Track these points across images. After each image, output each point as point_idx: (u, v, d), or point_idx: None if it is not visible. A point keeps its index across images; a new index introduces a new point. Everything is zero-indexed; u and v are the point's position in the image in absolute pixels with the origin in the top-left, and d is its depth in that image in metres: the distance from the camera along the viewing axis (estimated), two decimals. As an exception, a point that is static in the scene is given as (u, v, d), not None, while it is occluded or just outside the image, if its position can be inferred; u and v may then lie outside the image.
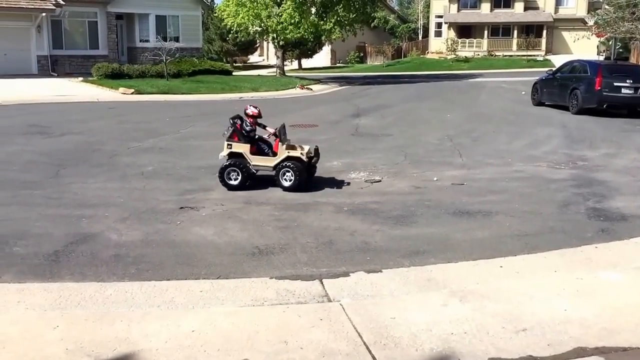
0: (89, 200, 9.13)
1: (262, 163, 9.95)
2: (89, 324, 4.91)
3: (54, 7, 33.88)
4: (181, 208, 8.66)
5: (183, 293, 5.64)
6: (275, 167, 9.85)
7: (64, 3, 34.41)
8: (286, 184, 9.76)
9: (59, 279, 6.02)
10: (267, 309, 5.30)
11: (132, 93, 27.18)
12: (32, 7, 33.59)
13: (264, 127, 10.32)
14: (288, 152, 9.83)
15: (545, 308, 5.25)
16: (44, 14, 33.95)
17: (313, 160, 10.07)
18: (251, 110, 10.06)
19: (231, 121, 9.98)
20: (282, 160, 9.81)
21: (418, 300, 5.51)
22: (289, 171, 9.73)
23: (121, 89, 27.62)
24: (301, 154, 9.88)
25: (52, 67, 34.95)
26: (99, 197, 9.34)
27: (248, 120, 10.07)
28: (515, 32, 61.86)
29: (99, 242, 7.18)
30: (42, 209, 8.56)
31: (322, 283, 5.92)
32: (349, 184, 10.34)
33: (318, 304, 5.45)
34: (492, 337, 4.73)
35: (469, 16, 62.53)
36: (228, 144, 9.90)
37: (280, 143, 9.88)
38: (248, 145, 9.90)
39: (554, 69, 26.17)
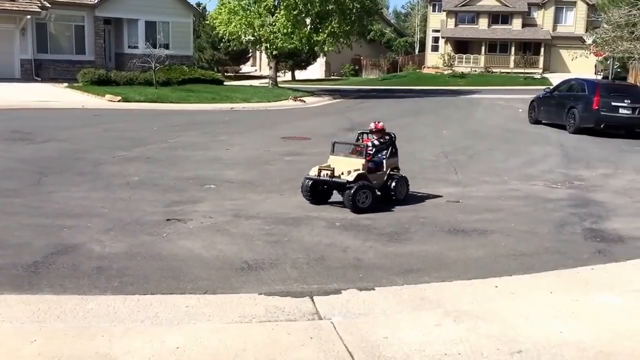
0: (71, 209, 8.95)
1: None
2: (68, 339, 4.74)
3: (39, 10, 33.43)
4: (168, 220, 8.47)
5: (168, 308, 5.47)
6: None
7: (50, 6, 33.99)
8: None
9: (38, 291, 5.82)
10: (255, 326, 5.14)
11: (119, 100, 27.04)
12: (17, 9, 33.13)
13: None
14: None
15: (540, 330, 5.11)
16: (28, 17, 33.50)
17: None
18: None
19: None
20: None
21: (411, 320, 5.36)
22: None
23: (108, 96, 27.46)
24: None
25: (36, 71, 34.61)
26: (81, 206, 9.15)
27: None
28: (513, 49, 62.17)
29: (80, 253, 6.99)
30: (22, 218, 8.36)
31: (312, 300, 5.75)
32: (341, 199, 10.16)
33: (308, 321, 5.29)
34: (487, 359, 4.59)
35: (466, 31, 62.81)
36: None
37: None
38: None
39: (551, 87, 26.15)
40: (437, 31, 64.87)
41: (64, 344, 4.64)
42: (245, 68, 72.29)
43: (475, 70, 60.49)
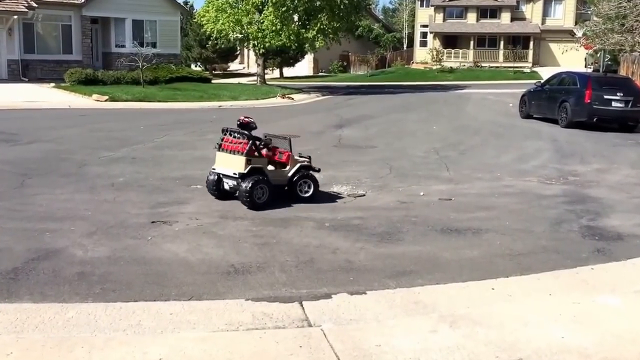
0: (54, 212, 8.69)
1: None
2: (46, 350, 4.53)
3: (26, 10, 33.16)
4: (153, 222, 8.23)
5: (151, 316, 5.26)
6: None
7: (36, 6, 33.71)
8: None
9: (16, 300, 5.58)
10: (242, 335, 4.95)
11: (106, 100, 26.76)
12: (3, 9, 32.84)
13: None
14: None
15: (541, 335, 4.92)
16: (15, 17, 33.24)
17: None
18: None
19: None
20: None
21: (405, 326, 5.16)
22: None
23: (95, 96, 27.18)
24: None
25: (23, 72, 34.35)
26: (65, 209, 8.90)
27: None
28: (502, 43, 62.15)
29: (62, 258, 6.74)
30: (2, 222, 8.08)
31: (302, 306, 5.55)
32: (331, 198, 9.95)
33: (297, 329, 5.10)
34: (486, 369, 4.40)
35: (454, 26, 62.76)
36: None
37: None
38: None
39: (542, 80, 26.08)
40: (425, 26, 64.80)
41: (41, 357, 4.45)
42: (233, 66, 72.06)
43: (464, 65, 60.42)
